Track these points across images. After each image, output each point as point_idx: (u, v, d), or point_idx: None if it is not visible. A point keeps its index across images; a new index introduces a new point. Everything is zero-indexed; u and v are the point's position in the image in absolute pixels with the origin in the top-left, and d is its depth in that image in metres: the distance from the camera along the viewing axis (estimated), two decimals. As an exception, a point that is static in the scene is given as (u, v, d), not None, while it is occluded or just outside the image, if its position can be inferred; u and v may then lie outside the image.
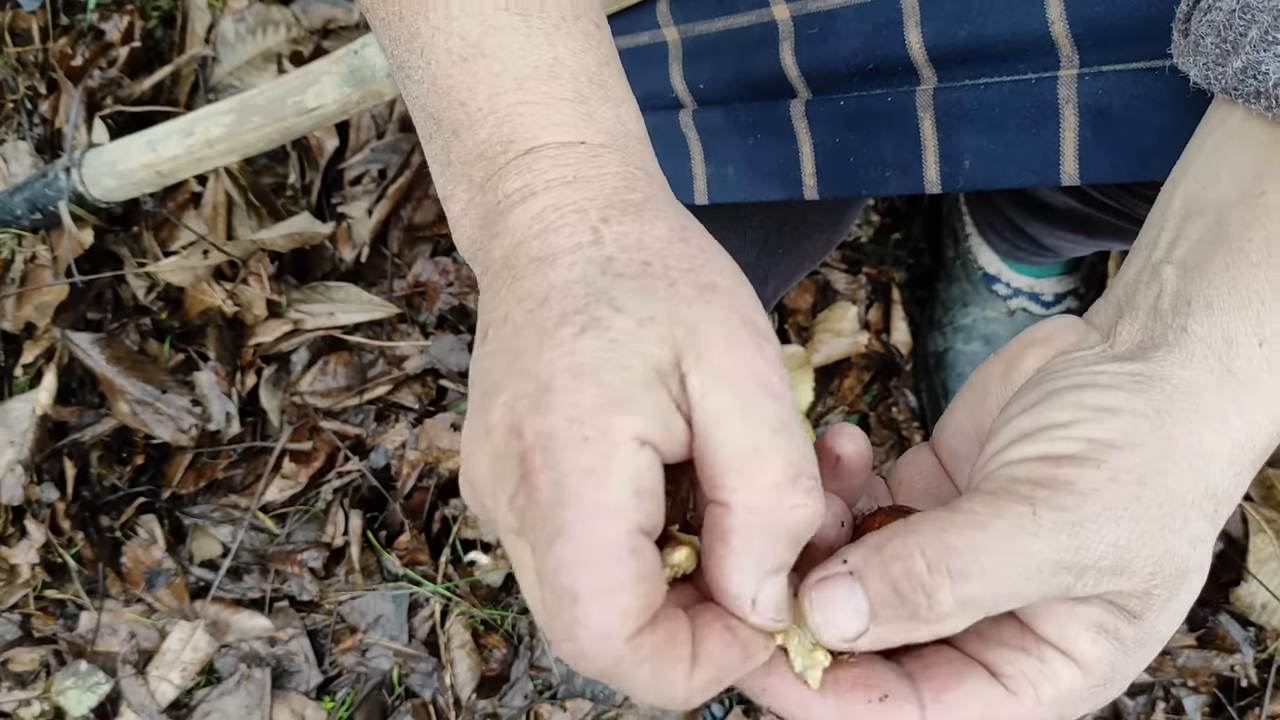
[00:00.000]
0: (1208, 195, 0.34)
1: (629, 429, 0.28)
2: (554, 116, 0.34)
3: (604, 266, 0.31)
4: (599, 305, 0.30)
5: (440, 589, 1.04)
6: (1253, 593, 0.96)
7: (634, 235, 0.32)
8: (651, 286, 0.30)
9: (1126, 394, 0.31)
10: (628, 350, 0.29)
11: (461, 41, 0.35)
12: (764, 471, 0.28)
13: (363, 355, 1.12)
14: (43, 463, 1.06)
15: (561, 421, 0.28)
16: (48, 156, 1.11)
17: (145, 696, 1.02)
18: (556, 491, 0.28)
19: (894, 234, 1.17)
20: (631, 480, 0.28)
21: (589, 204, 0.32)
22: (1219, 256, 0.33)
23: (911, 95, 0.50)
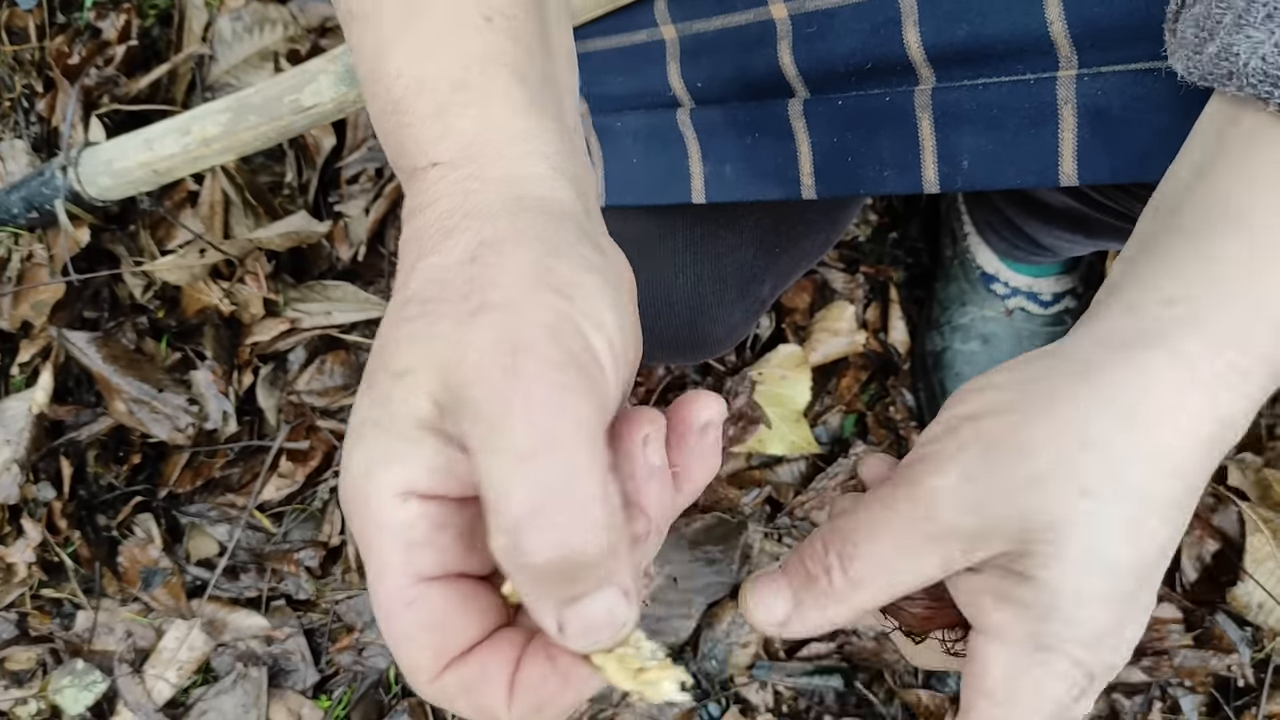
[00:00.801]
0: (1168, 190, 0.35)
1: (390, 487, 0.29)
2: (418, 136, 0.34)
3: (398, 315, 0.31)
4: (376, 361, 0.31)
5: (437, 588, 1.04)
6: (1249, 592, 0.96)
7: (429, 272, 0.31)
8: (414, 333, 0.29)
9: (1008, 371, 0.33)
10: (388, 407, 0.29)
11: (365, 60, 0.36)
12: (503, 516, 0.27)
13: (360, 354, 1.12)
14: (39, 462, 1.06)
15: (346, 488, 0.30)
16: (44, 155, 1.11)
17: (142, 695, 1.02)
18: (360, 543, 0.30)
19: (891, 233, 1.17)
20: (398, 538, 0.29)
21: (414, 242, 0.33)
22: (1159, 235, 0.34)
23: (910, 95, 0.50)
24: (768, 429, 1.05)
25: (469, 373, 0.28)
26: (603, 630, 0.27)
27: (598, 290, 0.30)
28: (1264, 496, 0.98)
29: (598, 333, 0.29)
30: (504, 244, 0.30)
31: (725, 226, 0.72)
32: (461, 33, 0.34)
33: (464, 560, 0.30)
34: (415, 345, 0.29)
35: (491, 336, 0.28)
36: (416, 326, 0.29)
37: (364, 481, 0.29)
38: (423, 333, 0.29)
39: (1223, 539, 0.99)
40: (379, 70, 0.35)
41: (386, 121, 0.35)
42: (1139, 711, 1.01)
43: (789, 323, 1.13)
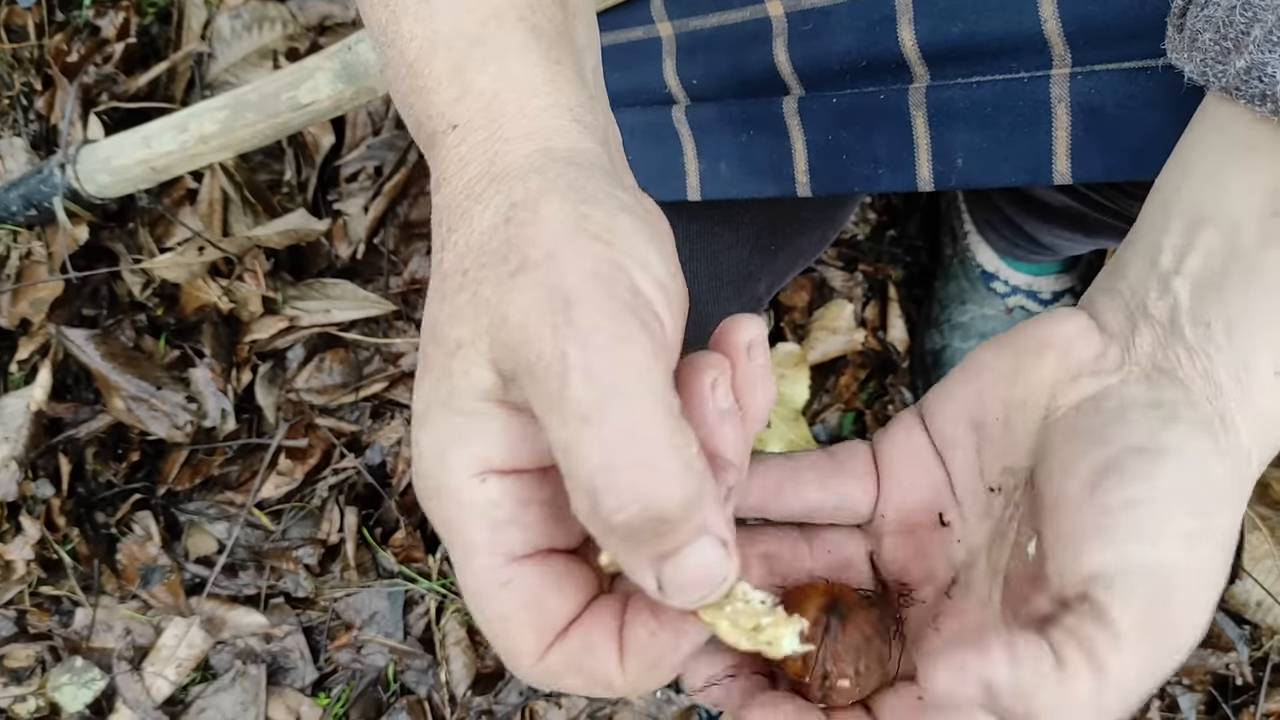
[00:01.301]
0: (1219, 205, 0.33)
1: (466, 467, 0.28)
2: (435, 99, 0.33)
3: (439, 289, 0.30)
4: (428, 341, 0.30)
5: (435, 586, 1.04)
6: (1248, 590, 0.96)
7: (464, 239, 0.30)
8: (460, 305, 0.29)
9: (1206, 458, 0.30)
10: (449, 384, 0.28)
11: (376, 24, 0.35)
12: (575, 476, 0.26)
13: (359, 352, 1.12)
14: (38, 459, 1.06)
15: (419, 476, 0.29)
16: (43, 153, 1.11)
17: (141, 693, 1.02)
18: (444, 531, 0.29)
19: (889, 231, 1.17)
20: (482, 517, 0.28)
21: (445, 213, 0.32)
22: (1235, 275, 0.32)
23: (904, 93, 0.50)
24: (766, 427, 1.05)
25: (518, 334, 0.27)
26: (703, 584, 0.27)
27: (635, 232, 0.29)
28: (1262, 495, 0.98)
29: (644, 274, 0.28)
30: (537, 201, 0.29)
31: (721, 224, 0.72)
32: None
33: (553, 535, 0.30)
34: (463, 316, 0.28)
35: (537, 294, 0.27)
36: (461, 298, 0.29)
37: (438, 466, 0.28)
38: (467, 302, 0.28)
39: (1221, 537, 0.99)
40: (393, 36, 0.34)
41: (403, 87, 0.34)
42: (1137, 710, 1.01)
43: (787, 321, 1.13)
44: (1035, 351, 0.35)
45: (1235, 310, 0.32)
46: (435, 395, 0.29)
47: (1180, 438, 0.30)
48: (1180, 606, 0.29)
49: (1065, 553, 0.30)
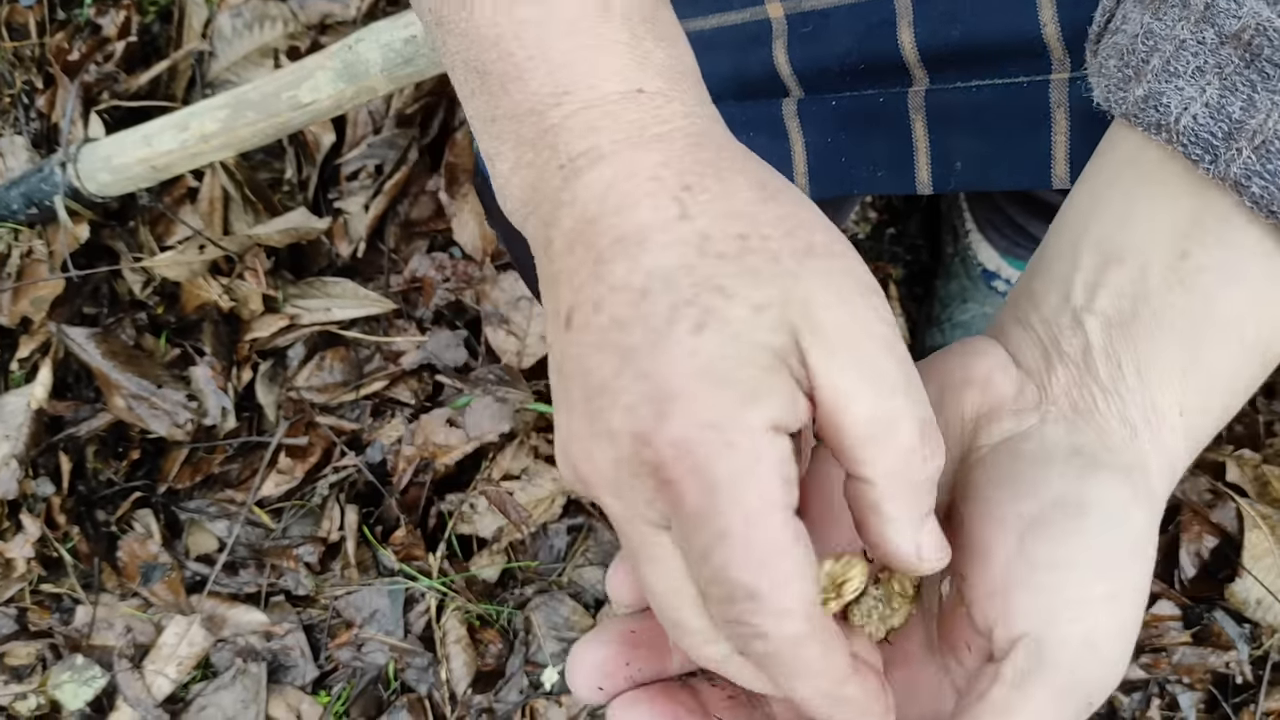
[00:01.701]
0: (1128, 243, 0.34)
1: (765, 421, 0.28)
2: (610, 62, 0.32)
3: (700, 247, 0.29)
4: (709, 295, 0.28)
5: (436, 584, 1.04)
6: (1248, 589, 0.96)
7: (721, 203, 0.30)
8: (756, 266, 0.29)
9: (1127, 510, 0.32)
10: (749, 342, 0.28)
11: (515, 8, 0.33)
12: (897, 437, 0.29)
13: (359, 351, 1.12)
14: (38, 457, 1.06)
15: (698, 429, 0.28)
16: (44, 151, 1.11)
17: (141, 690, 1.03)
18: (708, 498, 0.27)
19: (889, 230, 1.17)
20: (779, 472, 0.28)
21: (664, 170, 0.31)
22: (1142, 316, 0.33)
23: (904, 96, 0.50)
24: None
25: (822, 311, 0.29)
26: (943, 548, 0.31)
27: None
28: (1262, 493, 0.98)
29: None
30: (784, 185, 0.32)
31: None
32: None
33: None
34: (762, 281, 0.29)
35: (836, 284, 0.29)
36: (754, 260, 0.29)
37: (729, 421, 0.27)
38: (767, 270, 0.29)
39: (1221, 535, 0.99)
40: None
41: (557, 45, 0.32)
42: (1137, 709, 1.01)
43: (788, 319, 1.13)
44: (955, 387, 0.35)
45: (1143, 352, 0.33)
46: (731, 351, 0.28)
47: (1101, 489, 0.32)
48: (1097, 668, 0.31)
49: (994, 608, 0.32)
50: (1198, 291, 0.32)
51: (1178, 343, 0.32)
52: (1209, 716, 1.00)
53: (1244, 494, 0.99)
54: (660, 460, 0.28)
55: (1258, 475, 0.99)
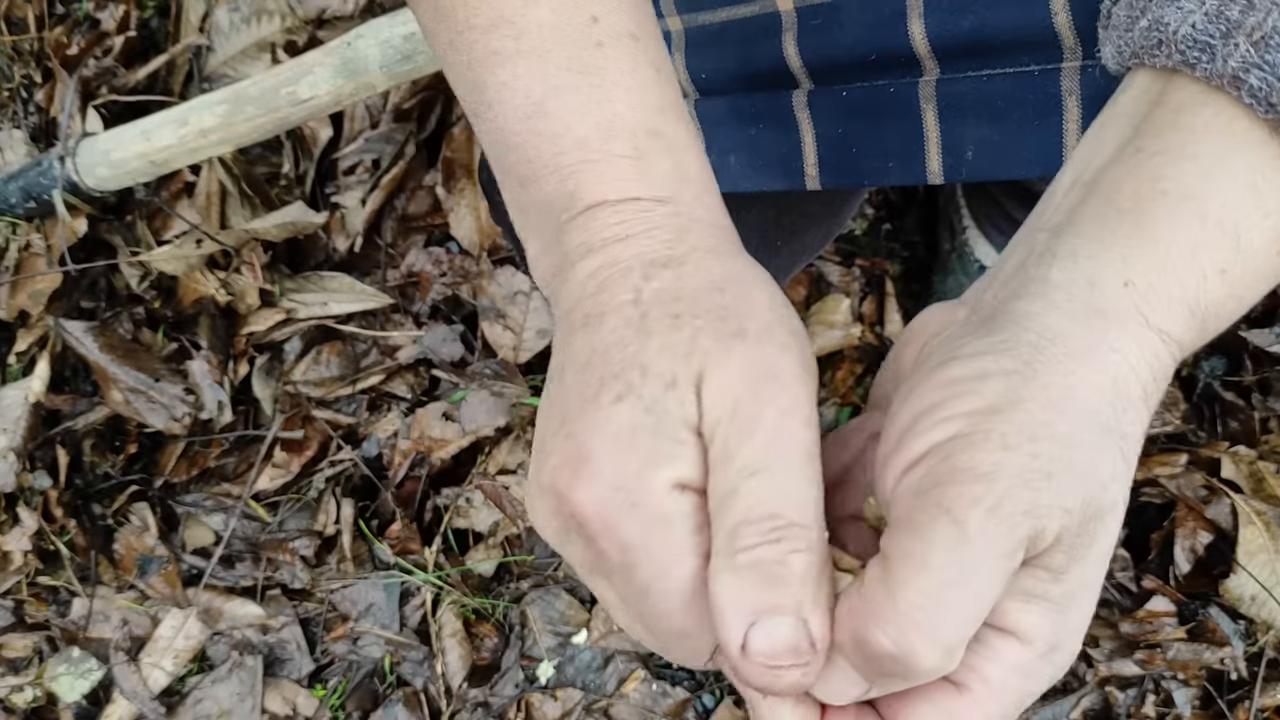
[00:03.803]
0: (1092, 164, 0.34)
1: (667, 480, 0.30)
2: (613, 174, 0.36)
3: (639, 326, 0.32)
4: (632, 371, 0.31)
5: (431, 578, 1.04)
6: (1242, 585, 0.96)
7: (670, 290, 0.33)
8: (675, 343, 0.31)
9: (993, 356, 0.30)
10: (660, 413, 0.31)
11: (526, 99, 0.36)
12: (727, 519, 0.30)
13: (356, 345, 1.13)
14: (35, 450, 1.07)
15: (606, 490, 0.30)
16: (42, 145, 1.11)
17: (138, 683, 1.03)
18: (625, 556, 0.30)
19: (886, 226, 1.17)
20: (685, 523, 0.30)
21: (635, 261, 0.34)
22: (1089, 209, 0.32)
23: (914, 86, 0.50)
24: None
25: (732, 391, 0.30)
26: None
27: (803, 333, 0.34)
28: (1257, 489, 0.99)
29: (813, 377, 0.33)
30: (745, 282, 0.34)
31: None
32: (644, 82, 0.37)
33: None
34: (678, 353, 0.31)
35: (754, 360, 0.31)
36: (675, 338, 0.31)
37: (637, 482, 0.30)
38: (684, 342, 0.31)
39: (1216, 531, 0.99)
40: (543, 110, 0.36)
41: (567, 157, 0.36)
42: (1132, 705, 1.01)
43: (784, 315, 1.13)
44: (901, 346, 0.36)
45: (1083, 237, 0.32)
46: (643, 421, 0.31)
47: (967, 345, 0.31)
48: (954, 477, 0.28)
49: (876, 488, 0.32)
50: (1145, 172, 0.32)
51: (1122, 220, 0.31)
52: (1204, 713, 1.00)
53: (1239, 490, 0.99)
54: (579, 518, 0.31)
55: (1253, 471, 0.99)
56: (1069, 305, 0.31)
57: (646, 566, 0.30)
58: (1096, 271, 0.31)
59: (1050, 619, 0.30)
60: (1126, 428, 0.30)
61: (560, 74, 0.36)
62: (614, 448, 0.31)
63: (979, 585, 0.28)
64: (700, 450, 0.31)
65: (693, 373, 0.31)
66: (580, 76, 0.36)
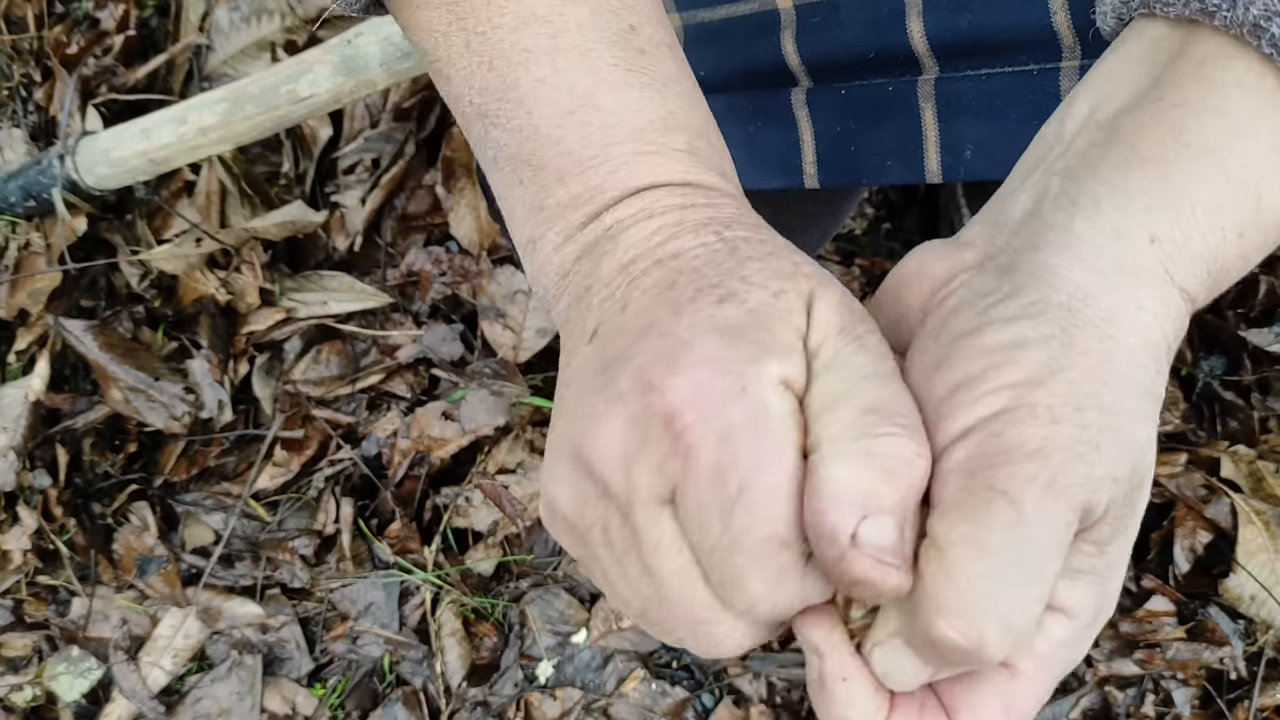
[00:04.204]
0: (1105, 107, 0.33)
1: (777, 374, 0.29)
2: (670, 165, 0.35)
3: (730, 252, 0.31)
4: (734, 281, 0.30)
5: (431, 577, 1.04)
6: (1242, 584, 0.96)
7: (754, 240, 0.32)
8: (778, 266, 0.31)
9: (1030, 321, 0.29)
10: (766, 314, 0.30)
11: (569, 94, 0.35)
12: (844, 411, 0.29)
13: (355, 344, 1.13)
14: (35, 449, 1.07)
15: (713, 374, 0.28)
16: (42, 144, 1.11)
17: (137, 682, 1.03)
18: (723, 448, 0.28)
19: (886, 225, 1.17)
20: (787, 420, 0.28)
21: (709, 220, 0.33)
22: (1110, 157, 0.31)
23: (913, 85, 0.50)
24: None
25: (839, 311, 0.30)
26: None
27: None
28: (1257, 489, 0.99)
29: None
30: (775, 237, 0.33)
31: None
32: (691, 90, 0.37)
33: None
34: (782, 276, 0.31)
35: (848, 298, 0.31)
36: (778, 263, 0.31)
37: (747, 367, 0.28)
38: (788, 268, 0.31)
39: (1215, 531, 0.99)
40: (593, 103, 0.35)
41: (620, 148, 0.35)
42: (1132, 704, 1.01)
43: (784, 315, 1.13)
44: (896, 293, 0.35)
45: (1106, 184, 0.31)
46: (750, 320, 0.29)
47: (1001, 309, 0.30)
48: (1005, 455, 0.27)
49: None
50: (1169, 122, 0.31)
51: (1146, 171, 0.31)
52: (1203, 712, 1.00)
53: (1238, 490, 0.99)
54: (671, 408, 0.28)
55: (1252, 471, 0.99)
56: (1097, 260, 0.30)
57: (748, 459, 0.27)
58: (1122, 223, 0.30)
59: (1095, 591, 0.29)
60: (1158, 389, 0.30)
61: (609, 69, 0.35)
62: (721, 339, 0.29)
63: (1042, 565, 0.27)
64: (805, 359, 0.30)
65: (802, 291, 0.30)
66: (631, 74, 0.35)
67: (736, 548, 0.28)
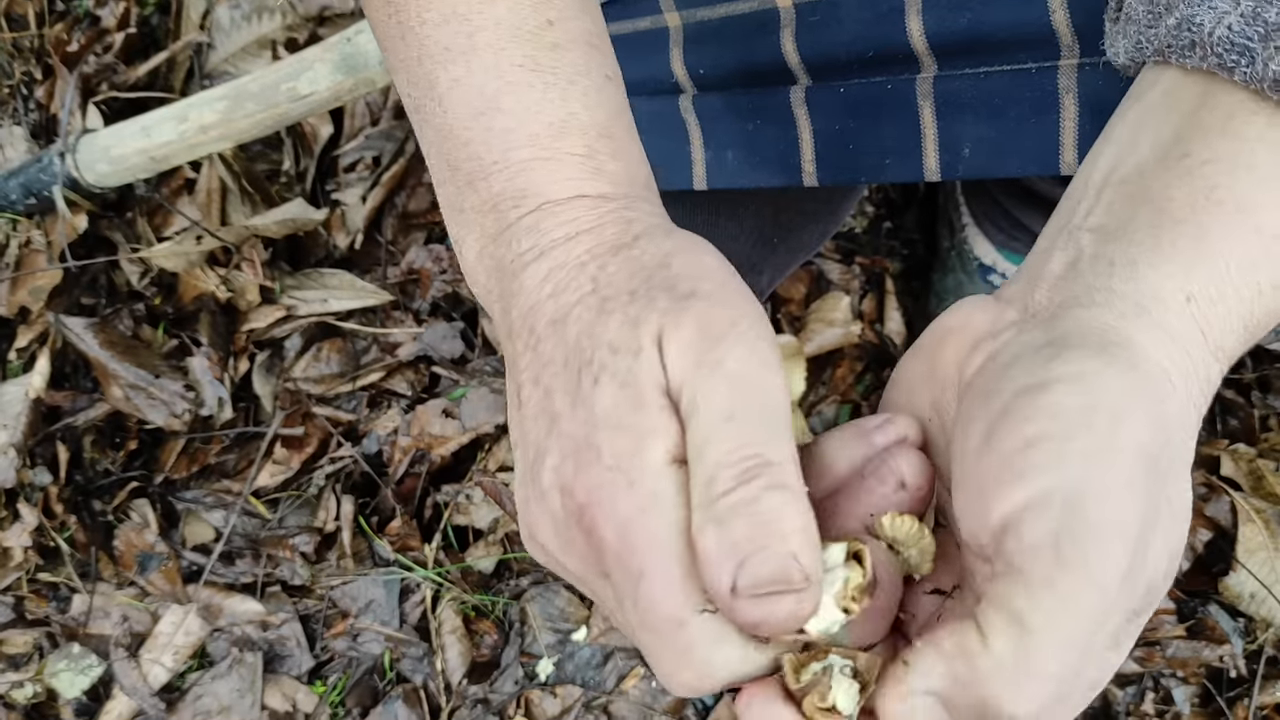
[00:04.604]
0: (1129, 161, 0.33)
1: (660, 456, 0.30)
2: (564, 172, 0.36)
3: (600, 309, 0.32)
4: (601, 350, 0.32)
5: (431, 574, 1.04)
6: (1241, 582, 0.96)
7: (624, 270, 0.33)
8: (634, 314, 0.32)
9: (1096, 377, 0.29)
10: (635, 384, 0.31)
11: (479, 95, 0.36)
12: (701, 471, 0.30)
13: (356, 342, 1.13)
14: (36, 447, 1.07)
15: (604, 472, 0.30)
16: (43, 142, 1.12)
17: (138, 679, 1.03)
18: (623, 538, 0.30)
19: (886, 224, 1.17)
20: (679, 498, 0.30)
21: (588, 256, 0.34)
22: (1141, 217, 0.32)
23: (912, 83, 0.50)
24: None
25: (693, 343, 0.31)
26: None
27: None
28: (1257, 487, 0.99)
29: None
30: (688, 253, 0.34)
31: (725, 216, 0.72)
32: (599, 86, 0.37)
33: None
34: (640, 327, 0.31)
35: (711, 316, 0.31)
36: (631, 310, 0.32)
37: (631, 461, 0.30)
38: (643, 314, 0.32)
39: (1215, 529, 0.99)
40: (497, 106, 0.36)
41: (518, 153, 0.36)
42: (1131, 702, 1.01)
43: (784, 313, 1.13)
44: (937, 342, 0.35)
45: (1141, 247, 0.31)
46: (622, 397, 0.31)
47: (1065, 365, 0.29)
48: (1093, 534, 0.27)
49: (971, 511, 0.29)
50: (1200, 181, 0.31)
51: (1180, 232, 0.31)
52: (1203, 711, 1.00)
53: (1238, 488, 0.99)
54: (579, 507, 0.31)
55: (1252, 469, 0.99)
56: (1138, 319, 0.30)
57: (642, 548, 0.29)
58: (1160, 285, 0.31)
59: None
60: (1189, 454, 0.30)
61: (515, 70, 0.36)
62: (605, 430, 0.30)
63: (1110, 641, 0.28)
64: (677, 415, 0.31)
65: (653, 335, 0.31)
66: (535, 75, 0.36)
67: (645, 628, 0.30)
